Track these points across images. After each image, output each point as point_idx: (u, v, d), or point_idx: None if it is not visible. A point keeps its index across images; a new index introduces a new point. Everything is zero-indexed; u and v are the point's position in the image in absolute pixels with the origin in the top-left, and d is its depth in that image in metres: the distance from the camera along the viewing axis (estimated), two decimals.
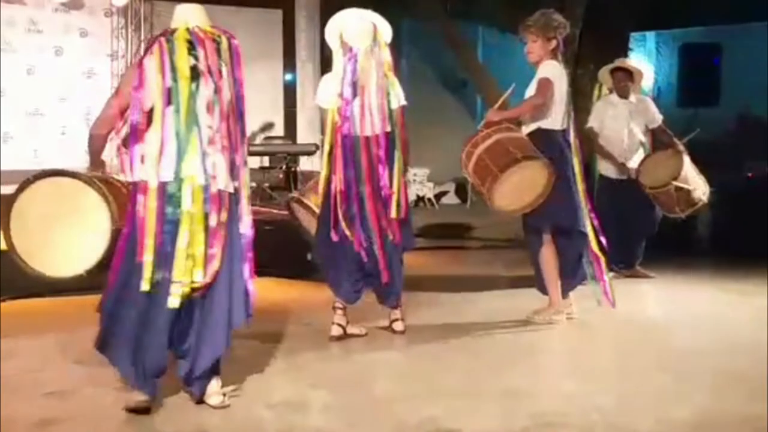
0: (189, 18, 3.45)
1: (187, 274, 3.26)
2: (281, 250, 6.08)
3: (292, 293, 5.58)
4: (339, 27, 4.48)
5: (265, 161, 9.21)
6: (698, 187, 6.15)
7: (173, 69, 3.31)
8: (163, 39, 3.38)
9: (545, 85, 4.71)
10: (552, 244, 4.87)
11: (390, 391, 3.79)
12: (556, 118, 4.81)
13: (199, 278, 3.28)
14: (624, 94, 6.34)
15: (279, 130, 9.68)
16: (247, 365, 3.58)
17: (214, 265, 3.32)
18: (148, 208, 3.26)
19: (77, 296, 5.35)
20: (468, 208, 10.87)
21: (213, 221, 3.32)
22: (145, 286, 3.24)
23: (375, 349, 4.44)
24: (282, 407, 3.48)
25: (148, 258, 3.23)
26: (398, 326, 4.66)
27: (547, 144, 4.76)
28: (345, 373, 4.06)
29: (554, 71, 4.77)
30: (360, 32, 4.42)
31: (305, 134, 9.66)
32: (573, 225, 4.81)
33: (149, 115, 3.31)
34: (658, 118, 6.35)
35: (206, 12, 3.52)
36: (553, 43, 4.80)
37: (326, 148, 4.48)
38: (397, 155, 4.46)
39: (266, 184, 8.32)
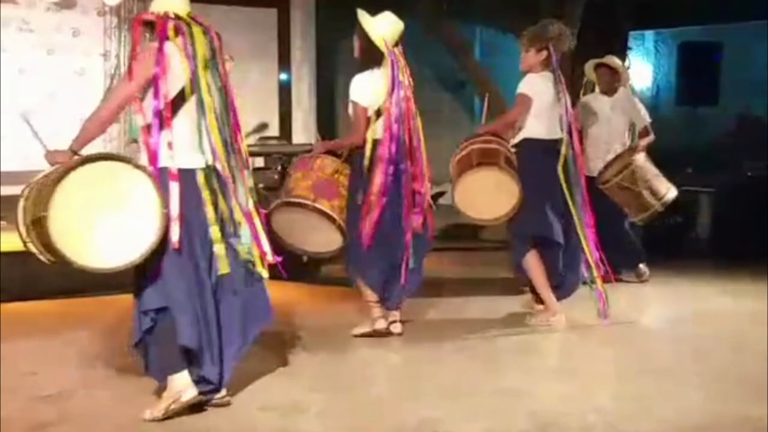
0: (185, 5, 3.37)
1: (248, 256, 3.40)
2: (277, 252, 6.02)
3: (288, 296, 5.55)
4: (379, 28, 4.47)
5: (260, 162, 9.15)
6: (654, 191, 5.84)
7: (195, 55, 3.27)
8: (179, 23, 3.29)
9: (520, 101, 4.87)
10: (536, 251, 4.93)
11: (389, 393, 3.79)
12: (541, 129, 4.87)
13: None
14: (606, 91, 6.25)
15: (274, 130, 9.63)
16: (244, 368, 3.57)
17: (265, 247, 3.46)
18: (198, 195, 3.26)
19: (75, 299, 5.35)
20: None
21: (244, 208, 3.40)
22: (225, 269, 3.33)
23: (373, 351, 4.43)
24: (280, 410, 3.45)
25: (220, 246, 3.31)
26: (396, 328, 4.64)
27: (530, 154, 4.87)
28: (343, 375, 4.05)
29: (533, 85, 4.84)
30: (395, 35, 4.50)
31: (301, 135, 9.61)
32: (546, 235, 4.84)
33: (173, 102, 3.26)
34: (643, 119, 6.19)
35: (201, 11, 3.48)
36: (544, 53, 4.85)
37: (369, 148, 4.45)
38: (424, 153, 4.58)
39: (261, 185, 8.26)
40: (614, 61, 6.35)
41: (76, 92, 8.32)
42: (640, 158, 5.91)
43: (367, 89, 4.47)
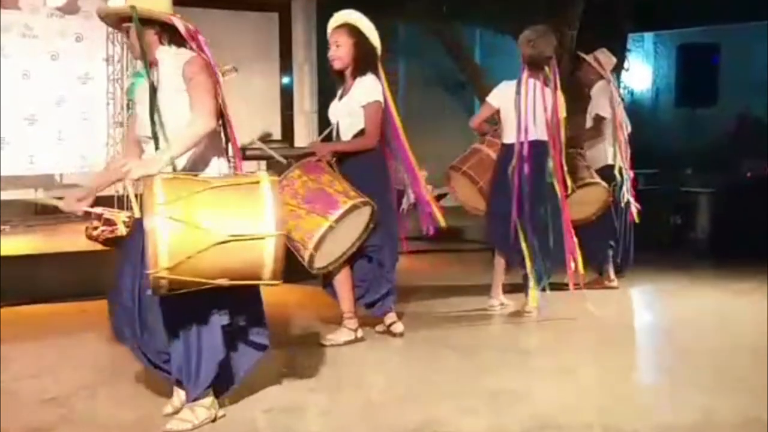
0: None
1: None
2: None
3: (289, 297, 5.56)
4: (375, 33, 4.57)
5: (263, 165, 9.18)
6: None
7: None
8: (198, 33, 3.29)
9: (481, 108, 5.37)
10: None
11: (389, 393, 3.80)
12: (508, 134, 5.10)
13: None
14: (585, 85, 6.15)
15: (276, 133, 9.67)
16: None
17: None
18: None
19: (77, 302, 5.37)
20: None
21: None
22: None
23: (372, 352, 4.44)
24: (279, 412, 3.47)
25: None
26: (398, 328, 4.65)
27: (499, 157, 5.25)
28: (344, 375, 4.05)
29: (498, 92, 5.15)
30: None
31: (303, 138, 9.65)
32: (493, 240, 5.30)
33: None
34: (595, 110, 5.93)
35: (203, 16, 3.48)
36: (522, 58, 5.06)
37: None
38: None
39: None
40: (603, 54, 6.20)
41: (79, 97, 8.37)
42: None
43: (380, 91, 4.50)
